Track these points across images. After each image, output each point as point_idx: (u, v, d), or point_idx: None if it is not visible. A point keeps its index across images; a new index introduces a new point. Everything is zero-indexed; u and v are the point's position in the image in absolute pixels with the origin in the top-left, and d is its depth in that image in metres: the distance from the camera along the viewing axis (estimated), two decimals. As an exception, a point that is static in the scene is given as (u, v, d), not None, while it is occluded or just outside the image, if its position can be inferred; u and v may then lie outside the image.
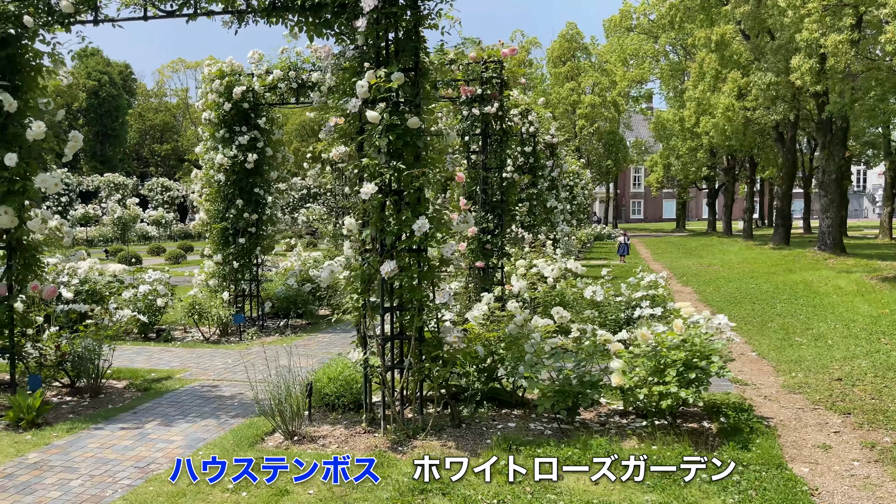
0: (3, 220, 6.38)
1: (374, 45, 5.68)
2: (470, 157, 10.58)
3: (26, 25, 6.41)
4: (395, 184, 5.63)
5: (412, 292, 5.70)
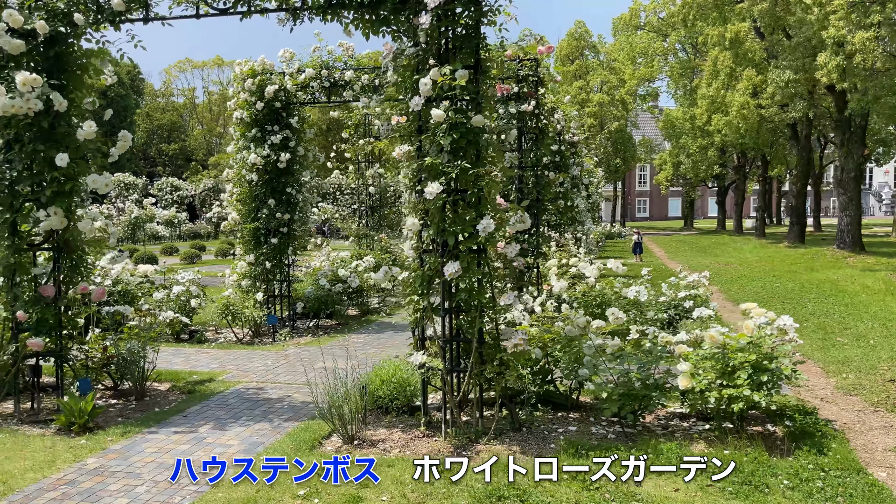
0: (52, 220, 6.30)
1: (436, 41, 5.57)
2: (504, 156, 10.47)
3: (76, 23, 6.31)
4: (458, 183, 5.53)
5: (474, 294, 5.60)
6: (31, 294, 6.43)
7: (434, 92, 5.46)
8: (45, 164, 6.35)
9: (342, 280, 12.16)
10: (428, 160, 5.44)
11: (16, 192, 6.33)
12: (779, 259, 24.70)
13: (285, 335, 10.70)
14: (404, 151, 5.46)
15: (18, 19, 6.07)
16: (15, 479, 5.02)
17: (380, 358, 8.90)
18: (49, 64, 6.45)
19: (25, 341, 6.35)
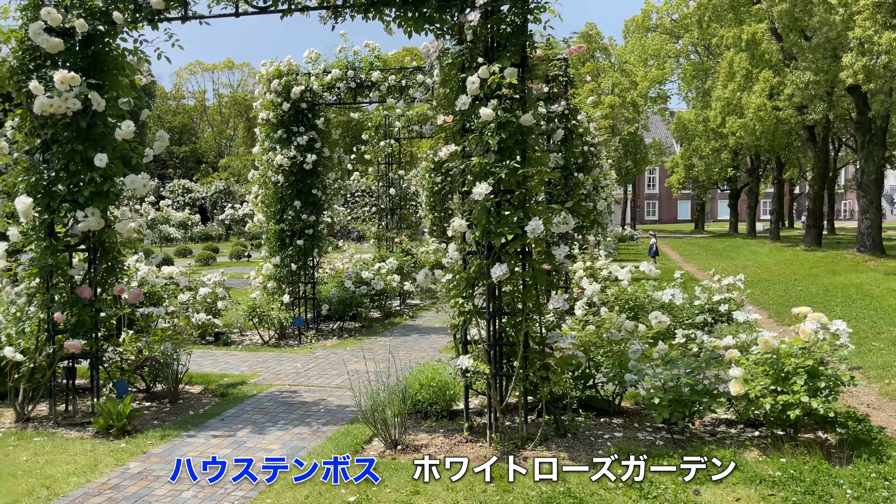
0: (90, 221, 6.22)
1: (483, 39, 5.47)
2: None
3: (115, 22, 6.25)
4: (503, 183, 5.43)
5: (521, 297, 5.49)
6: (67, 295, 6.36)
7: (482, 90, 5.36)
8: (82, 165, 6.29)
9: (366, 282, 12.07)
10: (475, 160, 5.34)
11: (53, 192, 6.26)
12: (797, 262, 24.48)
13: (311, 337, 10.62)
14: (451, 151, 5.36)
15: (57, 17, 6.01)
16: (59, 484, 4.94)
17: (409, 361, 8.82)
18: (86, 63, 6.38)
19: (63, 343, 6.28)
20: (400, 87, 10.69)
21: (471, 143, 5.43)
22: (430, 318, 12.98)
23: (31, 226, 6.21)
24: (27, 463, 5.34)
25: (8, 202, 6.45)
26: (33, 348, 6.32)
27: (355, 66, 10.86)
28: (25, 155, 6.36)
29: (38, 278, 6.38)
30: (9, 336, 6.35)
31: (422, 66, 10.73)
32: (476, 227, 5.41)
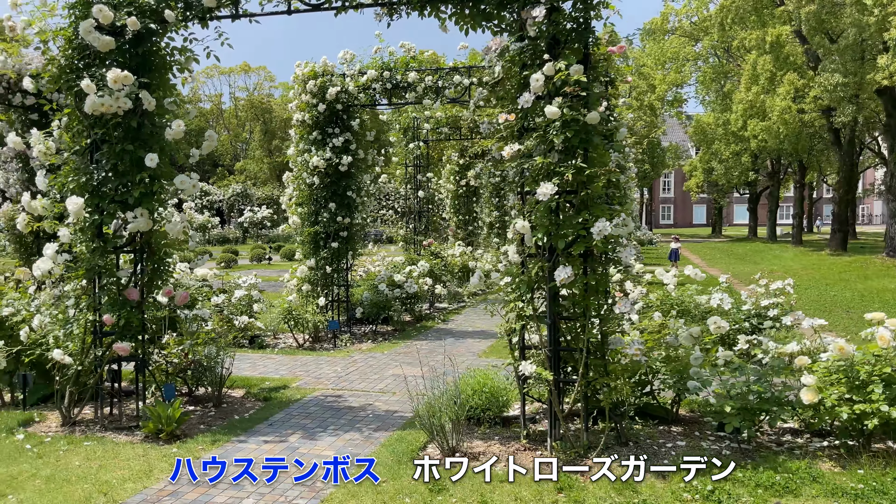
0: (139, 223, 6.13)
1: (546, 36, 5.33)
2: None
3: (166, 21, 6.15)
4: (569, 184, 5.28)
5: (585, 300, 5.33)
6: (115, 297, 6.26)
7: (546, 88, 5.21)
8: (131, 165, 6.20)
9: (398, 285, 11.94)
10: (538, 159, 5.20)
11: (102, 193, 6.17)
12: (825, 267, 24.15)
13: (346, 341, 10.51)
14: (514, 150, 5.22)
15: (109, 15, 5.92)
16: (115, 491, 4.83)
17: (449, 366, 8.68)
18: (135, 62, 6.29)
19: (111, 345, 6.19)
20: (436, 88, 10.56)
21: (533, 141, 5.28)
22: (462, 321, 12.84)
23: (81, 227, 6.11)
24: (80, 468, 5.24)
25: (57, 202, 6.36)
26: (80, 350, 6.22)
27: (390, 67, 10.74)
28: (75, 155, 6.27)
29: (86, 280, 6.29)
30: (56, 338, 6.26)
31: (457, 67, 10.61)
32: (538, 228, 5.26)
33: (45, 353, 6.35)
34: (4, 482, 4.98)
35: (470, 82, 10.39)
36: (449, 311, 14.18)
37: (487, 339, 10.84)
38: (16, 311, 6.92)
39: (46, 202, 6.36)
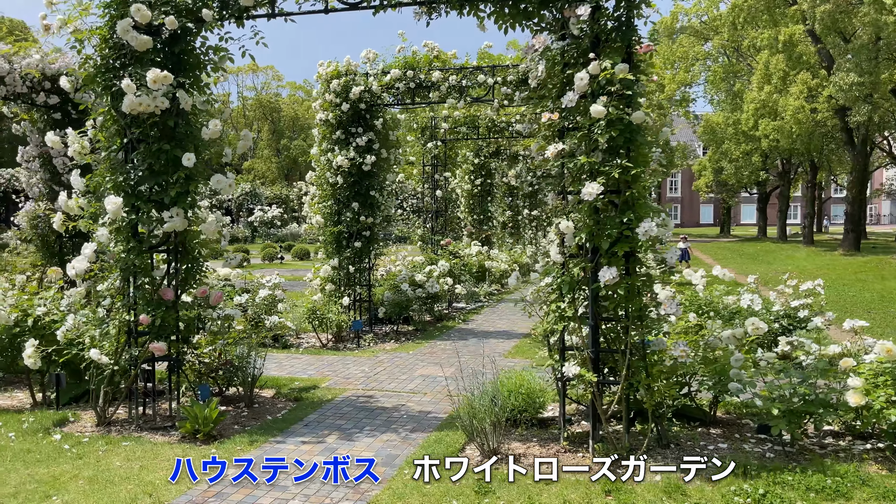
0: (175, 222, 6.11)
1: (590, 35, 5.29)
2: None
3: (203, 20, 6.13)
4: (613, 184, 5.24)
5: (628, 302, 5.29)
6: (151, 297, 6.24)
7: (590, 87, 5.17)
8: (167, 164, 6.18)
9: (420, 285, 11.90)
10: (582, 159, 5.16)
11: (139, 192, 6.15)
12: (840, 267, 24.04)
13: (369, 341, 10.49)
14: (558, 150, 5.18)
15: (147, 15, 5.90)
16: (160, 491, 4.80)
17: (476, 366, 8.66)
18: (171, 61, 6.27)
19: (147, 345, 6.17)
20: (460, 88, 10.53)
21: (577, 140, 5.24)
22: (482, 322, 12.80)
23: (118, 226, 6.09)
24: (122, 469, 5.22)
25: (93, 202, 6.35)
26: (116, 350, 6.21)
27: (414, 66, 10.71)
28: (111, 154, 6.25)
29: (121, 280, 6.28)
30: (92, 338, 6.24)
31: (481, 66, 10.57)
32: (581, 228, 5.22)
33: (79, 353, 6.33)
34: (47, 483, 4.97)
35: (494, 81, 10.36)
36: (468, 311, 14.14)
37: (510, 340, 10.80)
38: (48, 311, 6.91)
39: (83, 201, 6.34)
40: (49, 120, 10.45)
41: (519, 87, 10.33)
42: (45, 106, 10.20)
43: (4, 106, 10.62)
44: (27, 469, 5.23)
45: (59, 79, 10.20)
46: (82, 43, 6.35)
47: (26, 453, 5.56)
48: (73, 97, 8.70)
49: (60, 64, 10.27)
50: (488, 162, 19.87)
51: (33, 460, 5.41)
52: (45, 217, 10.58)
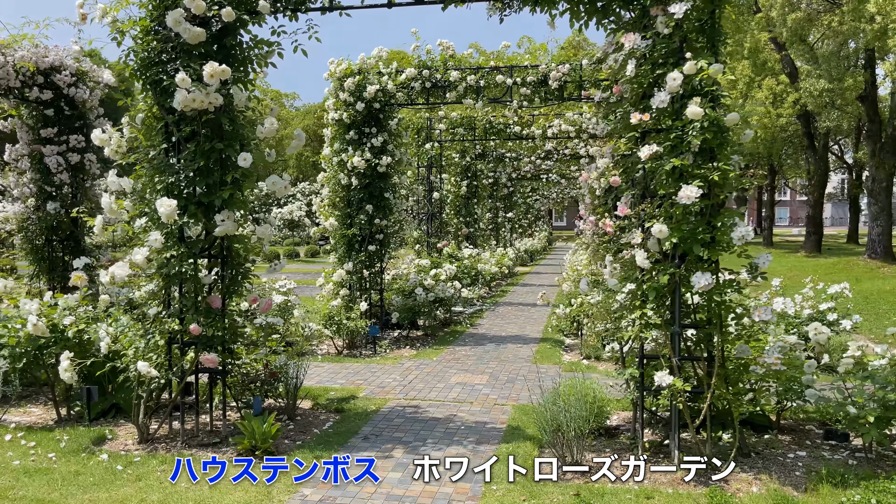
0: (227, 226, 5.75)
1: (681, 34, 5.14)
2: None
3: (259, 11, 5.80)
4: (702, 188, 5.10)
5: (714, 308, 5.17)
6: (199, 305, 5.87)
7: (683, 88, 5.03)
8: (217, 165, 5.83)
9: (430, 289, 11.65)
10: (674, 161, 5.01)
11: (187, 195, 5.77)
12: (810, 269, 24.58)
13: (386, 347, 10.20)
14: (652, 152, 5.01)
15: (201, 5, 5.53)
16: (244, 515, 4.48)
17: (509, 373, 8.50)
18: (220, 56, 5.90)
19: (197, 357, 5.81)
20: (477, 88, 10.33)
21: (671, 143, 5.08)
22: (490, 326, 12.62)
23: (168, 231, 5.71)
24: (190, 492, 4.86)
25: (139, 204, 5.94)
26: (164, 362, 5.82)
27: (428, 66, 10.48)
28: (157, 154, 5.87)
29: (165, 287, 5.90)
30: (137, 349, 5.84)
31: (499, 66, 10.39)
32: (674, 232, 5.07)
33: (118, 366, 5.92)
34: (113, 508, 4.59)
35: (513, 82, 10.19)
36: (469, 314, 13.94)
37: (528, 344, 10.64)
38: (77, 321, 6.46)
39: (128, 203, 5.93)
40: (40, 116, 9.90)
41: (538, 88, 10.19)
42: (37, 102, 9.65)
43: (-7, 101, 10.01)
44: (85, 494, 4.83)
45: (53, 73, 9.69)
46: (123, 34, 5.94)
47: (76, 476, 5.14)
48: (115, 93, 8.19)
49: (53, 57, 9.73)
50: (474, 164, 19.72)
51: (88, 484, 5.00)
52: (35, 220, 10.03)
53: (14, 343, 6.30)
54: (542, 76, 10.10)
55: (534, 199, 38.75)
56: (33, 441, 5.86)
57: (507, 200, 28.49)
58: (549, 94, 10.21)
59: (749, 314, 5.26)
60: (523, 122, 14.80)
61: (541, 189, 34.47)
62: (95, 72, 10.27)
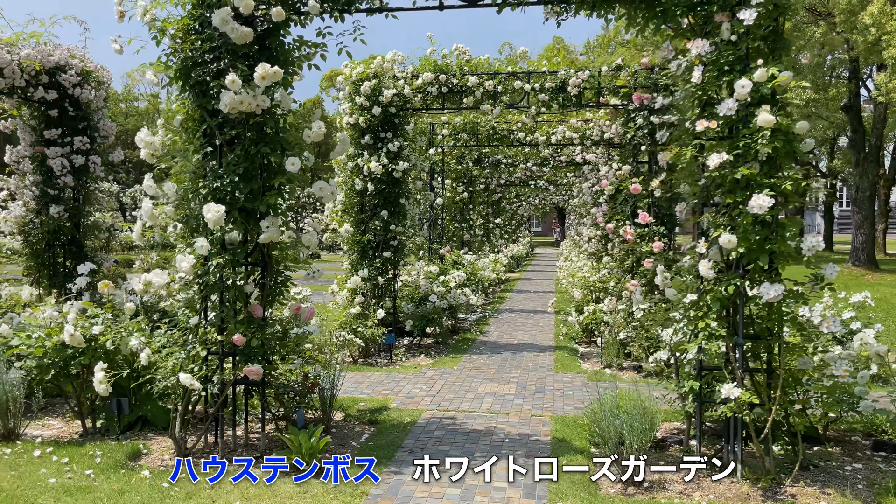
0: (272, 232, 5.55)
1: (748, 40, 5.07)
2: (637, 167, 10.03)
3: (309, 11, 5.61)
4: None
5: (781, 318, 5.09)
6: (239, 314, 5.66)
7: (751, 96, 4.95)
8: (262, 169, 5.63)
9: (441, 296, 11.49)
10: (744, 170, 4.93)
11: (231, 200, 5.56)
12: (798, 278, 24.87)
13: (402, 355, 10.02)
14: (723, 160, 4.92)
15: (250, 4, 5.34)
16: (311, 536, 4.28)
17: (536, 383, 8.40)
18: (264, 57, 5.70)
19: (239, 368, 5.60)
20: (494, 93, 10.22)
21: (741, 150, 5.00)
22: (499, 333, 12.49)
23: (213, 238, 5.49)
24: None
25: (180, 209, 5.70)
26: (206, 373, 5.60)
27: (444, 70, 10.34)
28: (198, 157, 5.65)
29: (209, 295, 5.68)
30: (177, 361, 5.60)
31: (517, 72, 10.30)
32: (741, 242, 4.98)
33: (156, 377, 5.69)
34: (169, 529, 4.37)
35: (531, 87, 10.10)
36: (473, 321, 13.80)
37: (543, 353, 10.53)
38: (106, 330, 6.20)
39: (169, 209, 5.70)
40: (42, 117, 9.59)
41: (556, 94, 10.11)
42: (41, 102, 9.35)
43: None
44: (137, 513, 4.60)
45: (58, 73, 9.39)
46: (163, 33, 5.72)
47: (121, 494, 4.90)
48: (156, 92, 7.94)
49: (59, 56, 9.44)
50: (471, 170, 19.62)
51: (136, 503, 4.76)
52: (37, 224, 9.72)
53: (41, 353, 6.02)
54: (560, 82, 10.02)
55: (517, 206, 38.83)
56: (65, 457, 5.59)
57: (496, 206, 28.46)
58: (567, 100, 10.13)
59: (806, 325, 5.20)
60: (527, 129, 14.72)
61: (527, 195, 34.49)
62: (99, 71, 10.00)
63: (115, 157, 10.33)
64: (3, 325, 6.35)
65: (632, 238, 9.46)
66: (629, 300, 9.66)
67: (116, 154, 10.37)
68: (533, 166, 19.40)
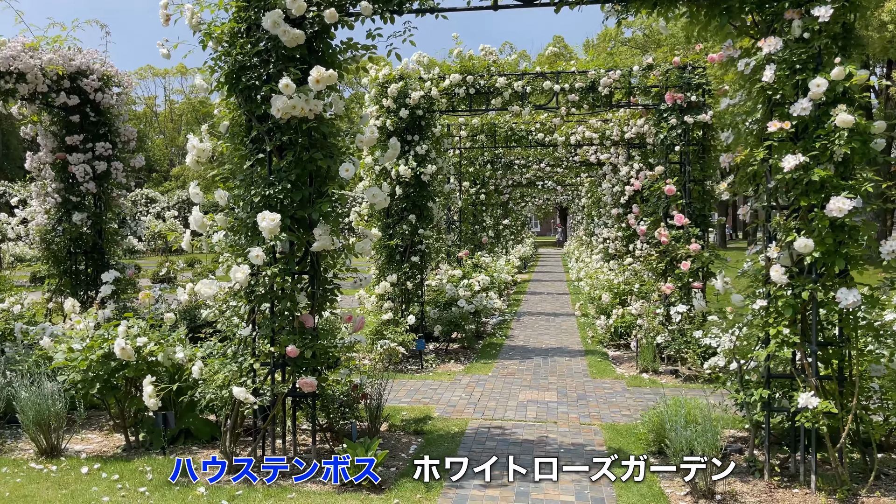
0: (324, 241, 5.39)
1: (821, 38, 4.92)
2: (669, 167, 9.88)
3: (361, 13, 5.45)
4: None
5: (856, 324, 4.95)
6: (291, 325, 5.50)
7: (826, 95, 4.80)
8: (312, 176, 5.47)
9: (469, 300, 11.33)
10: (819, 171, 4.78)
11: (282, 208, 5.39)
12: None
13: (431, 361, 9.86)
14: (799, 162, 4.77)
15: (302, 5, 5.17)
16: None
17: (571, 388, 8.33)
18: (313, 60, 5.54)
19: (289, 379, 5.44)
20: (522, 94, 10.07)
21: (817, 152, 4.84)
22: (524, 337, 12.34)
23: (266, 247, 5.32)
24: (313, 529, 4.49)
25: (230, 216, 5.54)
26: (258, 386, 5.43)
27: (471, 71, 10.18)
28: (247, 164, 5.49)
29: (259, 305, 5.52)
30: (228, 373, 5.43)
31: (545, 72, 10.15)
32: (818, 246, 4.83)
33: (207, 390, 5.52)
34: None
35: (560, 88, 9.95)
36: (494, 325, 13.65)
37: (575, 357, 10.39)
38: (148, 342, 6.03)
39: (220, 217, 5.53)
40: (63, 122, 9.42)
41: (586, 95, 9.96)
42: (62, 107, 9.19)
43: (13, 106, 9.49)
44: (200, 535, 4.43)
45: (80, 77, 9.22)
46: (209, 37, 5.55)
47: (179, 513, 4.74)
48: (206, 97, 7.76)
49: (80, 61, 9.28)
50: (483, 171, 19.47)
51: (197, 522, 4.60)
52: (59, 231, 9.54)
53: (85, 367, 5.85)
54: (590, 82, 9.88)
55: (522, 206, 38.71)
56: (115, 473, 5.42)
57: (504, 207, 28.32)
58: (597, 100, 9.99)
59: (884, 332, 5.05)
60: (546, 129, 14.58)
61: (533, 196, 34.37)
62: (120, 76, 9.84)
63: (136, 162, 10.14)
64: (45, 339, 6.18)
65: (666, 240, 9.32)
66: (665, 303, 9.52)
67: (138, 160, 10.18)
68: (546, 166, 19.27)
